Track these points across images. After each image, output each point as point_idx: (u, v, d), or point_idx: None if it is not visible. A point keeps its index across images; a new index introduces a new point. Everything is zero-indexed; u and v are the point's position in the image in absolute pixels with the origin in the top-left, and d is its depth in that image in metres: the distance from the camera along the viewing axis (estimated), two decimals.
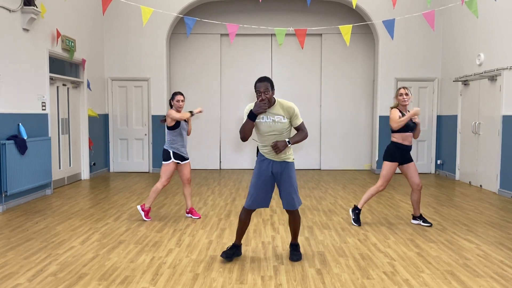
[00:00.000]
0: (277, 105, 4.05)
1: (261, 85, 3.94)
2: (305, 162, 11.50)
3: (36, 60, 7.45)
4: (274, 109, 4.04)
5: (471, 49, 8.99)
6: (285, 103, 4.07)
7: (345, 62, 11.37)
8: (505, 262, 4.21)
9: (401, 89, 5.46)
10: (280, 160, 4.11)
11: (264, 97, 3.91)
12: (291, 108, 4.05)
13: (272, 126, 4.03)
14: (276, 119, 4.02)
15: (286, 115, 4.04)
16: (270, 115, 4.03)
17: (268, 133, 4.05)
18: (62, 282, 3.69)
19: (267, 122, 4.03)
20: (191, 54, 11.35)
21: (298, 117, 4.14)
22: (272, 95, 4.01)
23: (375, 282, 3.71)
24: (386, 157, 5.50)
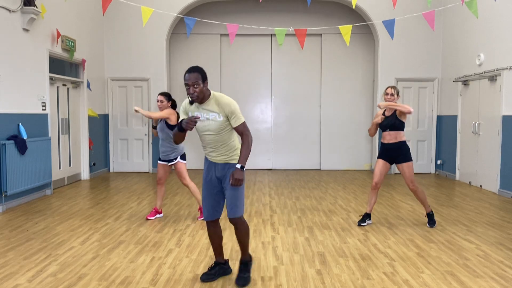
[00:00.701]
0: (211, 100, 3.47)
1: (189, 76, 3.37)
2: (305, 162, 11.50)
3: (36, 60, 7.44)
4: (208, 105, 3.46)
5: (471, 49, 8.99)
6: (222, 99, 3.47)
7: (345, 62, 11.37)
8: (505, 263, 4.21)
9: (388, 88, 5.49)
10: (222, 162, 3.58)
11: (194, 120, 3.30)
12: (227, 106, 3.43)
13: (206, 125, 3.49)
14: (210, 116, 3.46)
15: (221, 113, 3.45)
16: (204, 111, 3.48)
17: (204, 133, 3.54)
18: (62, 282, 3.69)
19: (201, 121, 3.51)
20: (191, 54, 11.35)
21: (238, 116, 3.47)
22: (203, 88, 3.42)
23: (375, 282, 3.71)
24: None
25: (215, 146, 3.54)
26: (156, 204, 5.95)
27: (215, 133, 3.48)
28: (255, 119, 11.60)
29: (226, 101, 3.46)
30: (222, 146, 3.54)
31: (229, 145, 3.56)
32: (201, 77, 3.38)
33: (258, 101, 11.63)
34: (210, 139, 3.52)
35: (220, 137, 3.51)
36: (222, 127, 3.48)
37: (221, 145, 3.54)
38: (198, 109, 3.50)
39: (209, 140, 3.53)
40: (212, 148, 3.57)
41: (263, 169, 11.45)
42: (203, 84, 3.40)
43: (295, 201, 7.19)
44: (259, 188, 8.57)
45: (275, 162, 11.56)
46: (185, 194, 7.72)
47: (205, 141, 3.58)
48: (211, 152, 3.58)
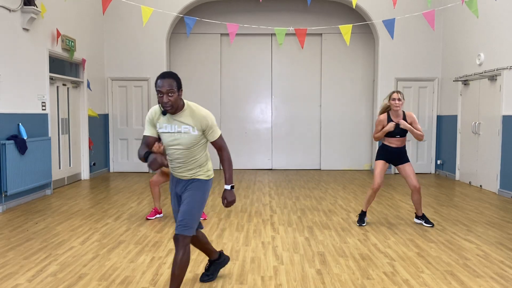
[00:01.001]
0: (186, 111, 3.11)
1: (163, 83, 2.99)
2: (305, 162, 11.50)
3: (36, 60, 7.44)
4: (181, 116, 3.09)
5: (471, 49, 8.99)
6: (197, 111, 3.13)
7: (345, 62, 11.37)
8: (505, 262, 4.21)
9: (394, 93, 5.49)
10: (188, 178, 3.24)
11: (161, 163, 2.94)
12: (204, 119, 3.12)
13: (177, 139, 3.11)
14: (182, 129, 3.09)
15: (197, 126, 3.10)
16: (176, 123, 3.10)
17: (173, 147, 3.14)
18: (62, 282, 3.69)
19: (171, 134, 3.11)
20: (191, 54, 11.35)
21: (215, 130, 3.19)
22: (178, 97, 3.04)
23: (375, 282, 3.71)
24: (376, 156, 5.67)
25: (184, 162, 3.19)
26: (155, 205, 5.96)
27: (186, 148, 3.12)
28: (255, 119, 11.60)
29: (203, 113, 3.13)
30: (192, 162, 3.20)
31: (200, 161, 3.24)
32: (176, 84, 3.03)
33: (258, 101, 11.62)
34: (179, 154, 3.15)
35: (190, 152, 3.16)
36: (195, 141, 3.13)
37: (191, 161, 3.20)
38: (169, 120, 3.11)
39: (178, 155, 3.16)
40: (180, 164, 3.20)
41: (263, 169, 11.45)
42: (178, 92, 3.04)
43: (295, 201, 7.19)
44: (259, 188, 8.57)
45: (275, 162, 11.56)
46: None
47: (172, 155, 3.18)
48: (178, 168, 3.22)
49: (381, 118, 5.53)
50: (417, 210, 5.65)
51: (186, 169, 3.22)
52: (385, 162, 5.54)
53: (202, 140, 3.19)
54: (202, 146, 3.21)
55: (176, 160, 3.19)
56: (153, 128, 3.19)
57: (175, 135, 3.11)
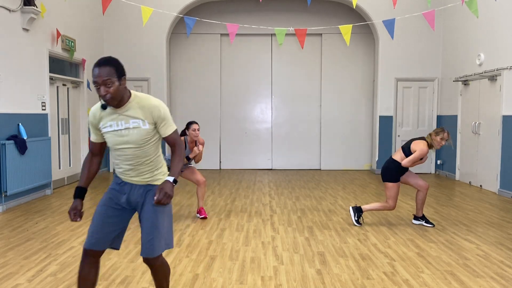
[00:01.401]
0: (132, 102, 2.63)
1: (100, 72, 2.50)
2: (305, 162, 11.50)
3: (36, 60, 7.44)
4: (128, 109, 2.63)
5: (471, 49, 8.99)
6: (147, 101, 2.66)
7: (345, 62, 11.37)
8: (505, 262, 4.21)
9: (446, 134, 5.42)
10: (144, 183, 2.75)
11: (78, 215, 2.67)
12: (156, 109, 2.64)
13: (125, 136, 2.63)
14: (131, 124, 2.62)
15: (148, 119, 2.64)
16: (122, 118, 2.63)
17: (120, 146, 2.66)
18: (62, 282, 3.68)
19: (118, 132, 2.64)
20: (191, 54, 11.35)
21: (169, 122, 2.70)
22: (120, 87, 2.55)
23: (375, 282, 3.71)
24: (388, 178, 5.46)
25: (136, 163, 2.69)
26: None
27: (137, 145, 2.65)
28: (255, 119, 11.60)
29: (154, 103, 2.66)
30: (146, 162, 2.71)
31: (155, 161, 2.75)
32: (116, 72, 2.52)
33: (258, 101, 11.62)
34: (130, 154, 2.66)
35: (143, 151, 2.67)
36: (147, 137, 2.66)
37: (145, 162, 2.71)
38: (113, 115, 2.63)
39: (127, 155, 2.67)
40: (130, 166, 2.70)
41: (263, 169, 11.45)
42: (119, 81, 2.54)
43: (295, 201, 7.19)
44: (259, 188, 8.57)
45: (275, 162, 11.56)
46: (185, 194, 7.73)
47: (121, 157, 2.69)
48: (129, 170, 2.71)
49: (425, 149, 5.35)
50: (418, 211, 5.65)
51: (140, 172, 2.72)
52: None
53: (155, 136, 2.70)
54: (155, 144, 2.73)
55: (125, 162, 2.70)
56: (96, 129, 2.75)
57: (122, 133, 2.63)
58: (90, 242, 2.70)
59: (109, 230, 2.74)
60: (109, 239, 2.75)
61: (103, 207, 2.76)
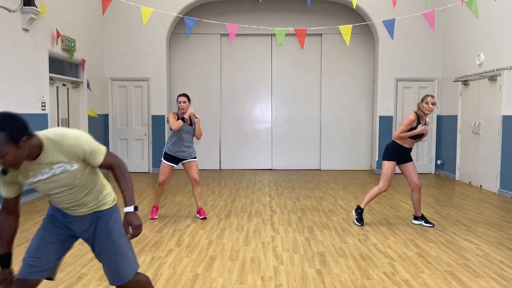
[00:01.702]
0: (48, 149, 2.29)
1: None
2: (305, 162, 11.50)
3: (36, 60, 7.44)
4: (46, 158, 2.29)
5: (471, 49, 8.99)
6: (64, 142, 2.31)
7: (345, 62, 11.37)
8: (505, 262, 4.21)
9: (429, 97, 5.33)
10: (90, 212, 2.53)
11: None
12: (78, 148, 2.34)
13: (54, 182, 2.36)
14: (57, 170, 2.33)
15: (73, 160, 2.35)
16: (43, 167, 2.30)
17: (55, 191, 2.40)
18: (62, 282, 3.68)
19: (46, 180, 2.35)
20: (191, 54, 11.35)
21: (97, 151, 2.41)
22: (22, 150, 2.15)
23: (375, 282, 3.71)
24: (384, 156, 5.54)
25: (78, 199, 2.47)
26: (155, 202, 6.03)
27: (70, 186, 2.40)
28: (255, 119, 11.60)
29: (72, 142, 2.33)
30: (89, 193, 2.50)
31: (97, 187, 2.55)
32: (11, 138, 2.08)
33: (258, 101, 11.62)
34: (68, 195, 2.43)
35: (79, 189, 2.45)
36: (77, 175, 2.39)
37: (87, 193, 2.49)
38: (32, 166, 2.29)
39: (66, 197, 2.44)
40: (73, 203, 2.48)
41: (263, 169, 11.45)
42: (17, 145, 2.11)
43: (295, 201, 7.19)
44: (259, 188, 8.57)
45: (275, 162, 11.56)
46: (185, 194, 7.73)
47: (58, 199, 2.45)
48: (73, 207, 2.49)
49: (412, 118, 5.32)
50: (416, 211, 5.65)
51: (84, 205, 2.51)
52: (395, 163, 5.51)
53: (86, 170, 2.44)
54: (92, 173, 2.50)
55: (65, 202, 2.47)
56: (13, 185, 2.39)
57: (50, 179, 2.35)
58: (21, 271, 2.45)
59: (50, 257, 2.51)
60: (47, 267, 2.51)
61: (44, 232, 2.56)
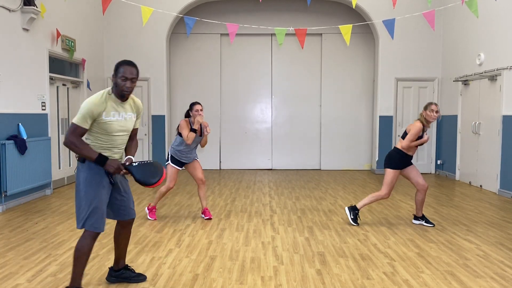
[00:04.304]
0: (131, 100, 3.46)
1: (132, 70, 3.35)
2: (305, 162, 11.50)
3: (36, 60, 7.44)
4: (127, 104, 3.41)
5: (471, 49, 8.98)
6: (136, 100, 3.53)
7: (345, 62, 11.37)
8: (505, 262, 4.21)
9: (433, 105, 5.40)
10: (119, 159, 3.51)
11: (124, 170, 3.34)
12: (140, 108, 3.54)
13: (123, 125, 3.36)
14: (128, 116, 3.39)
15: (135, 114, 3.49)
16: (123, 110, 3.36)
17: (120, 133, 3.36)
18: (62, 282, 3.68)
19: (120, 121, 3.34)
20: (191, 54, 11.34)
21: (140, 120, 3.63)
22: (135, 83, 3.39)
23: (375, 282, 3.71)
24: (388, 164, 5.50)
25: (122, 147, 3.45)
26: (154, 203, 6.00)
27: (127, 133, 3.43)
28: (255, 119, 11.60)
29: (140, 103, 3.54)
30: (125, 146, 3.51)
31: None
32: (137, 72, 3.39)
33: (258, 101, 11.62)
34: (123, 139, 3.41)
35: (127, 137, 3.47)
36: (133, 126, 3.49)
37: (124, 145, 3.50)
38: (118, 107, 3.32)
39: (121, 140, 3.40)
40: (120, 149, 3.43)
41: (263, 169, 11.45)
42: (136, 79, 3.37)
43: (295, 201, 7.19)
44: (259, 188, 8.57)
45: (275, 162, 11.56)
46: (185, 194, 7.73)
47: (116, 142, 3.36)
48: (117, 154, 3.41)
49: (420, 126, 5.39)
50: (418, 211, 5.66)
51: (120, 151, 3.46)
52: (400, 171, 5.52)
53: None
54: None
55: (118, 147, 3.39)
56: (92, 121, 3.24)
57: (122, 122, 3.34)
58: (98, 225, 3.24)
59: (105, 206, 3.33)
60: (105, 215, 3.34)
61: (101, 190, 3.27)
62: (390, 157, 5.52)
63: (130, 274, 3.67)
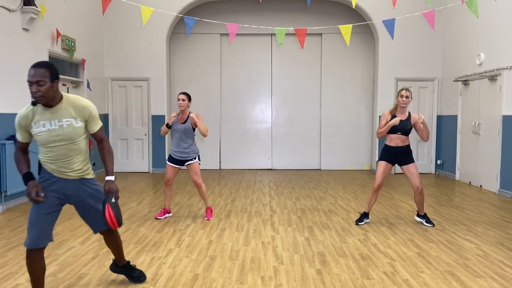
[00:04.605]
0: (64, 103, 2.98)
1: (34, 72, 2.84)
2: (305, 162, 11.50)
3: (36, 60, 7.36)
4: (60, 109, 2.96)
5: (471, 49, 8.98)
6: (78, 101, 3.02)
7: (345, 62, 11.37)
8: (505, 262, 4.21)
9: (403, 91, 5.47)
10: (77, 178, 3.12)
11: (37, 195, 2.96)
12: (86, 109, 3.02)
13: (59, 134, 2.96)
14: (64, 123, 2.95)
15: (80, 117, 3.00)
16: (55, 117, 2.94)
17: (54, 144, 2.99)
18: (62, 282, 3.68)
19: (52, 130, 2.95)
20: (191, 54, 11.35)
21: (97, 120, 3.10)
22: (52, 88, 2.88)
23: (375, 282, 3.71)
24: (379, 156, 5.72)
25: (69, 160, 3.05)
26: (165, 205, 5.99)
27: (71, 142, 3.00)
28: (255, 119, 11.60)
29: (85, 103, 3.04)
30: (79, 157, 3.09)
31: (84, 156, 3.15)
32: (50, 74, 2.85)
33: (258, 101, 11.62)
34: (63, 151, 3.01)
35: (76, 146, 3.04)
36: (79, 133, 3.02)
37: (78, 156, 3.08)
38: (46, 115, 2.93)
39: (63, 151, 3.01)
40: (64, 162, 3.04)
41: (263, 169, 11.45)
42: (52, 83, 2.87)
43: (295, 201, 7.19)
44: (259, 188, 8.57)
45: (275, 162, 11.56)
46: (185, 194, 7.72)
47: (56, 153, 3.01)
48: (62, 167, 3.05)
49: (385, 112, 5.54)
50: (419, 209, 5.67)
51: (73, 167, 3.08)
52: (388, 162, 5.55)
53: (86, 133, 3.11)
54: (84, 140, 3.13)
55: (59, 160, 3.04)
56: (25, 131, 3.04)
57: (56, 131, 2.96)
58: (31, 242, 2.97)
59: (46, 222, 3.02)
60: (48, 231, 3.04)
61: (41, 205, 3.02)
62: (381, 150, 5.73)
63: (131, 274, 3.66)
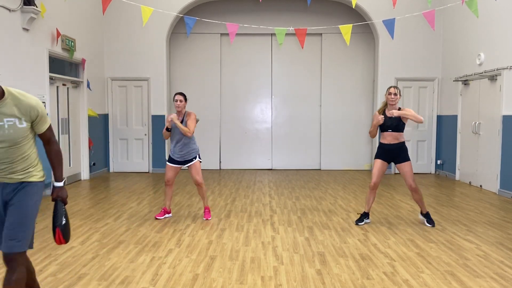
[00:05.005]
0: (7, 99, 2.56)
1: None
2: (305, 162, 11.49)
3: (36, 60, 7.44)
4: (1, 108, 2.54)
5: (471, 49, 8.98)
6: (24, 99, 2.61)
7: (345, 62, 11.37)
8: (505, 262, 4.21)
9: (391, 88, 5.54)
10: (18, 181, 2.68)
11: None
12: (34, 109, 2.62)
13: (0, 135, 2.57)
14: (6, 123, 2.56)
15: (25, 117, 2.61)
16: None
17: None
18: (62, 282, 3.68)
19: None
20: (191, 54, 11.34)
21: (46, 119, 2.71)
22: None
23: (375, 282, 3.71)
24: (375, 155, 5.78)
25: (11, 162, 2.64)
26: (165, 205, 5.98)
27: (12, 144, 2.61)
28: (255, 119, 11.60)
29: (32, 102, 2.62)
30: (22, 160, 2.68)
31: (31, 158, 2.74)
32: None
33: (258, 101, 11.62)
34: (6, 152, 2.61)
35: (19, 149, 2.64)
36: (23, 135, 2.64)
37: (21, 159, 2.68)
38: None
39: (3, 154, 2.61)
40: (5, 165, 2.64)
41: (263, 169, 11.45)
42: None
43: (295, 201, 7.19)
44: (259, 188, 8.57)
45: (275, 162, 11.56)
46: (185, 194, 7.72)
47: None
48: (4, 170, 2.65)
49: (375, 112, 5.63)
50: (421, 208, 5.66)
51: (15, 170, 2.67)
52: (383, 161, 5.58)
53: (32, 133, 2.72)
54: (30, 140, 2.73)
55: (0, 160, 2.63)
56: None
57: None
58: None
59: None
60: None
61: None
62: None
63: None
